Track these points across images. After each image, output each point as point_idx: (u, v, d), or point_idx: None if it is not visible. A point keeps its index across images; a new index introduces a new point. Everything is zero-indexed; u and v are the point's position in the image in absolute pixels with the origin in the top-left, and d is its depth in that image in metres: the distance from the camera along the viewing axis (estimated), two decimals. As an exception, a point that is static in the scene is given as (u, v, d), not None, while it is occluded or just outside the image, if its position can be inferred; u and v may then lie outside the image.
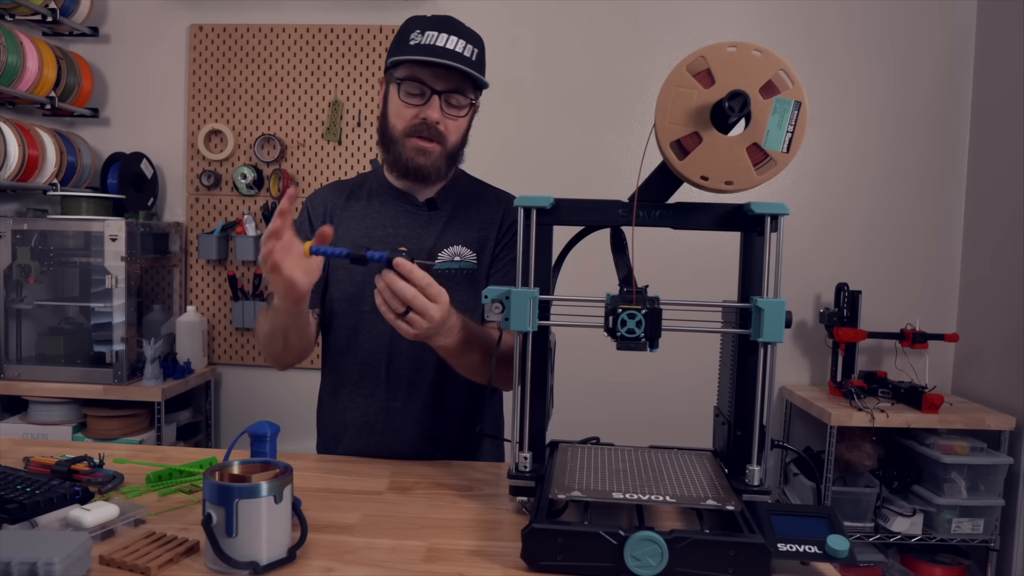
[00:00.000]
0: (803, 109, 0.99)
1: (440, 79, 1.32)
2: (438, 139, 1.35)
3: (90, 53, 2.92)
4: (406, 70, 1.33)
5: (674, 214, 1.09)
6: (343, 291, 1.44)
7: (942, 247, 2.81)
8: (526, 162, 2.85)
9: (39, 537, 0.89)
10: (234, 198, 2.92)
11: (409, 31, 1.34)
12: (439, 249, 1.42)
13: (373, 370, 1.44)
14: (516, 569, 0.93)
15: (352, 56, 2.86)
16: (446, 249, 1.42)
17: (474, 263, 1.42)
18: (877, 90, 2.79)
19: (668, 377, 2.79)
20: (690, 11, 2.81)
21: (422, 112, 1.33)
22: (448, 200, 1.46)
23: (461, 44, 1.32)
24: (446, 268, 1.40)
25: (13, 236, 2.50)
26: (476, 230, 1.44)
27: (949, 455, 2.38)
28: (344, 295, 1.44)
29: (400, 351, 1.42)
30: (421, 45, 1.30)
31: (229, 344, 2.96)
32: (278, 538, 0.92)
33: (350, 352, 1.45)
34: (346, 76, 2.87)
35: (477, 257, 1.43)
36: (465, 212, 1.45)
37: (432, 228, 1.43)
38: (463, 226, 1.44)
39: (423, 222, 1.43)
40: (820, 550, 0.91)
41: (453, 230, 1.43)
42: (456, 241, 1.42)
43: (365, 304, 1.42)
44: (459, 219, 1.44)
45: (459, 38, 1.32)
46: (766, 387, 1.04)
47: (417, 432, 1.43)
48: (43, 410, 2.53)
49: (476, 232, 1.44)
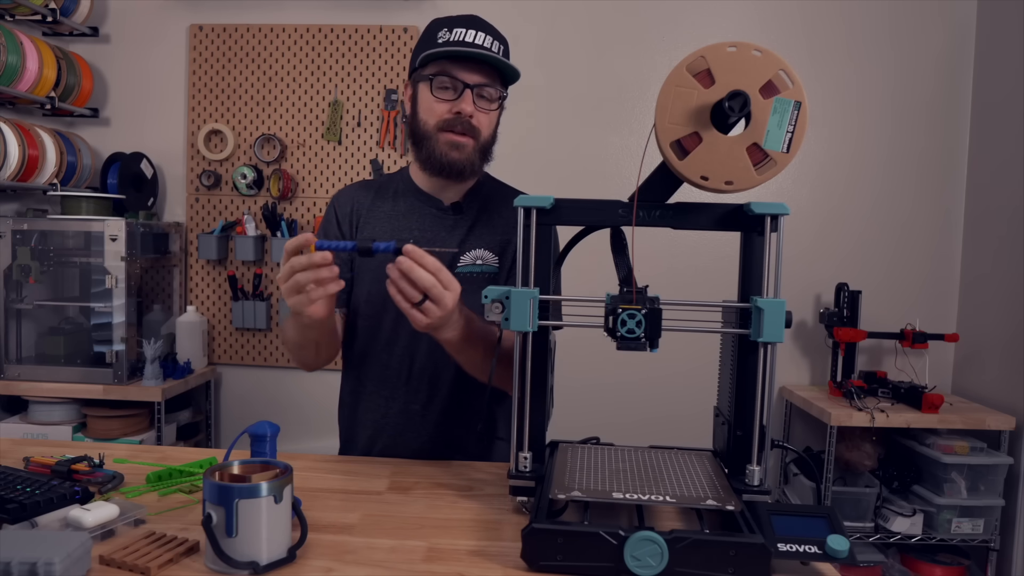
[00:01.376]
0: (803, 109, 0.99)
1: (472, 73, 1.33)
2: (471, 133, 1.36)
3: (90, 53, 2.92)
4: (437, 67, 1.34)
5: (674, 214, 1.09)
6: (368, 293, 1.45)
7: (942, 247, 2.81)
8: (526, 162, 2.85)
9: (39, 537, 0.89)
10: (234, 198, 2.92)
11: (436, 30, 1.36)
12: (463, 253, 1.43)
13: (395, 372, 1.45)
14: (516, 569, 0.93)
15: (352, 56, 2.86)
16: (469, 252, 1.43)
17: (495, 266, 1.44)
18: (877, 90, 2.79)
19: (668, 377, 2.79)
20: (690, 11, 2.81)
21: (455, 106, 1.34)
22: (473, 203, 1.47)
23: (489, 40, 1.34)
24: (468, 271, 1.42)
25: (13, 236, 2.50)
26: (499, 234, 1.45)
27: (949, 455, 2.38)
28: (369, 297, 1.45)
29: (421, 352, 1.43)
30: (451, 41, 1.32)
31: (229, 344, 2.96)
32: (278, 538, 0.92)
33: (372, 354, 1.47)
34: (346, 76, 2.87)
35: (499, 260, 1.44)
36: (489, 215, 1.46)
37: (457, 232, 1.44)
38: (486, 230, 1.45)
39: (448, 226, 1.44)
40: (820, 550, 0.91)
41: (477, 234, 1.44)
42: (479, 244, 1.44)
43: (389, 306, 1.41)
44: (483, 222, 1.45)
45: (487, 34, 1.34)
46: (766, 387, 1.04)
47: (436, 434, 1.44)
48: (43, 410, 2.53)
49: (499, 236, 1.45)
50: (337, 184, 2.89)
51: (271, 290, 2.91)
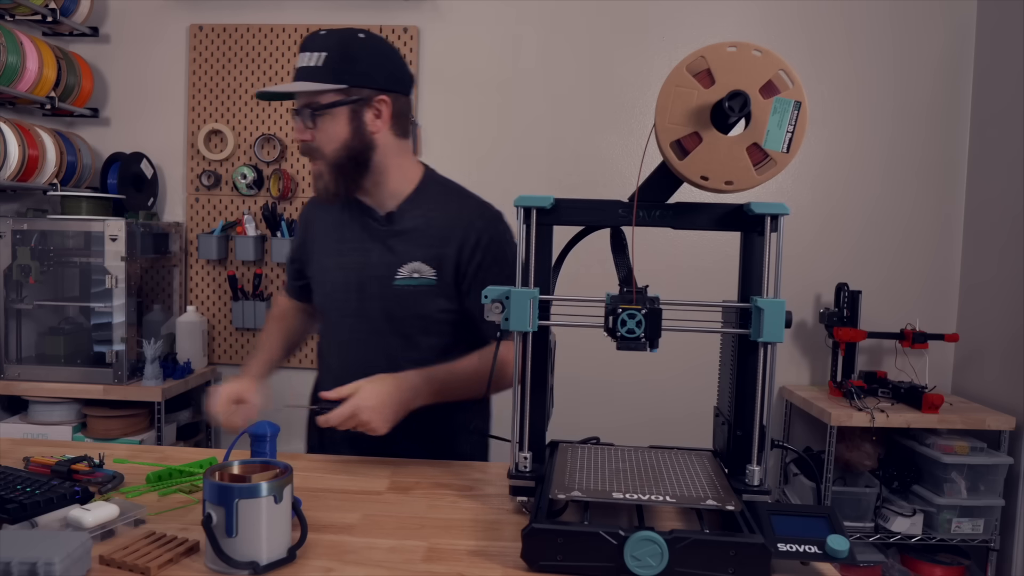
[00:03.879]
0: (803, 109, 0.99)
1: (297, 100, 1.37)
2: (316, 154, 1.37)
3: (90, 53, 2.92)
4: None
5: (674, 214, 1.09)
6: (318, 301, 1.52)
7: (942, 247, 2.81)
8: (526, 162, 2.85)
9: (39, 537, 0.89)
10: (234, 198, 2.92)
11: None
12: (399, 264, 1.41)
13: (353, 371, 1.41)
14: (516, 569, 0.93)
15: (352, 56, 2.86)
16: (406, 265, 1.41)
17: (433, 279, 1.40)
18: (877, 90, 2.79)
19: (668, 377, 2.79)
20: (690, 11, 2.81)
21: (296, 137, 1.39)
22: (410, 212, 1.43)
23: (307, 57, 1.34)
24: (404, 283, 1.40)
25: (13, 236, 2.50)
26: (434, 247, 1.41)
27: (949, 455, 2.38)
28: (319, 305, 1.52)
29: (378, 351, 1.44)
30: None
31: (229, 344, 2.96)
32: (278, 538, 0.92)
33: (329, 353, 1.53)
34: (346, 76, 2.87)
35: (436, 273, 1.40)
36: (426, 225, 1.42)
37: (391, 243, 1.43)
38: (422, 241, 1.41)
39: (380, 236, 1.44)
40: (820, 550, 0.91)
41: (412, 245, 1.42)
42: (415, 257, 1.41)
43: (332, 314, 1.49)
44: (418, 233, 1.42)
45: (311, 52, 1.33)
46: (766, 387, 1.04)
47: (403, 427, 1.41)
48: (43, 410, 2.52)
49: (434, 249, 1.41)
50: (337, 184, 2.89)
51: (271, 290, 2.92)
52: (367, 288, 1.43)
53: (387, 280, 1.41)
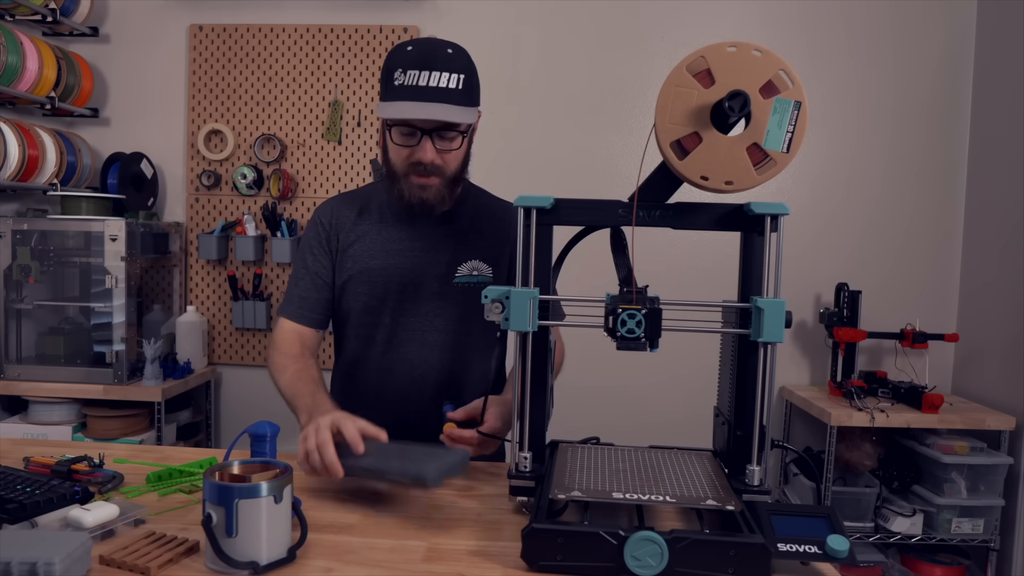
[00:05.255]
0: (803, 109, 0.99)
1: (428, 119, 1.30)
2: (436, 173, 1.35)
3: (90, 53, 2.92)
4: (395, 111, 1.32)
5: (674, 214, 1.09)
6: (362, 303, 1.47)
7: (942, 246, 2.81)
8: (526, 162, 2.85)
9: (39, 537, 0.89)
10: (234, 198, 2.92)
11: (393, 69, 1.31)
12: (458, 263, 1.44)
13: (392, 377, 1.47)
14: (516, 569, 0.93)
15: (352, 56, 2.86)
16: (465, 263, 1.45)
17: (491, 276, 1.46)
18: (877, 90, 2.79)
19: (668, 377, 2.79)
20: (690, 11, 2.81)
21: (415, 154, 1.33)
22: (461, 214, 1.47)
23: (444, 78, 1.28)
24: (465, 281, 1.44)
25: (13, 236, 2.50)
26: (491, 245, 1.47)
27: (949, 455, 2.38)
28: (363, 307, 1.47)
29: (419, 357, 1.45)
30: (405, 87, 1.28)
31: (229, 344, 2.96)
32: (278, 538, 0.92)
33: (364, 360, 1.49)
34: (346, 76, 2.87)
35: (493, 271, 1.46)
36: (480, 225, 1.47)
37: (448, 242, 1.45)
38: (478, 240, 1.46)
39: (440, 236, 1.45)
40: (820, 550, 0.91)
41: (469, 244, 1.46)
42: (473, 255, 1.45)
43: (384, 316, 1.45)
44: (474, 232, 1.47)
45: (441, 72, 1.28)
46: (766, 387, 1.04)
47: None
48: (43, 410, 2.52)
49: (491, 247, 1.46)
50: (337, 184, 2.89)
51: (271, 290, 2.91)
52: (426, 287, 1.44)
53: (447, 278, 1.44)
